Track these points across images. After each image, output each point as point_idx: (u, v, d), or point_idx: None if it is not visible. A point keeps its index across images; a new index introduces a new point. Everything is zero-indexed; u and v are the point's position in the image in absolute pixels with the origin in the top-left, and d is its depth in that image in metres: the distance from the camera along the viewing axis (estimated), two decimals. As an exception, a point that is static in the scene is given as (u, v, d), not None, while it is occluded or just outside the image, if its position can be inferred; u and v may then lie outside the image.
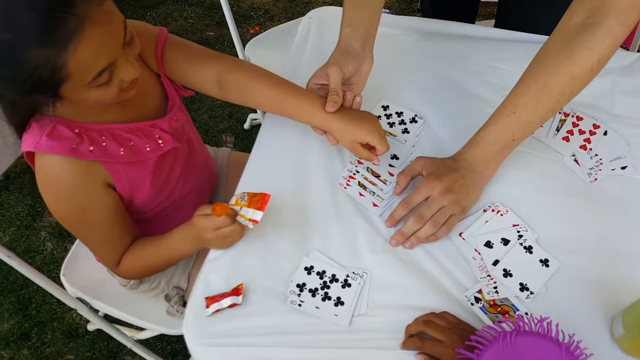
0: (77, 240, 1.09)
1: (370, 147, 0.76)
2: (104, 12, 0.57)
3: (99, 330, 1.39)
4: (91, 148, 0.68)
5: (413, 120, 0.88)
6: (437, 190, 0.71)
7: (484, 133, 0.74)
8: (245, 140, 1.87)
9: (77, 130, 0.68)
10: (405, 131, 0.87)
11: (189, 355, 1.34)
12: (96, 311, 1.04)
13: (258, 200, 0.66)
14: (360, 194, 0.78)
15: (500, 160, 0.76)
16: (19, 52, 0.54)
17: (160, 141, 0.77)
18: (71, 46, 0.54)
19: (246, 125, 1.88)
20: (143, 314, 0.98)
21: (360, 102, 0.78)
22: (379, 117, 0.89)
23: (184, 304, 0.96)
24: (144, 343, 1.23)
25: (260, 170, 0.82)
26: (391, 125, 0.87)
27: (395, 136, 0.86)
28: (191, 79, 0.81)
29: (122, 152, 0.72)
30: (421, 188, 0.72)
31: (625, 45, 1.63)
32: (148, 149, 0.75)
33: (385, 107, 0.90)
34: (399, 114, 0.89)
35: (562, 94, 0.69)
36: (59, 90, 0.59)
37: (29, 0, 0.52)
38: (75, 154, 0.67)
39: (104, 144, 0.70)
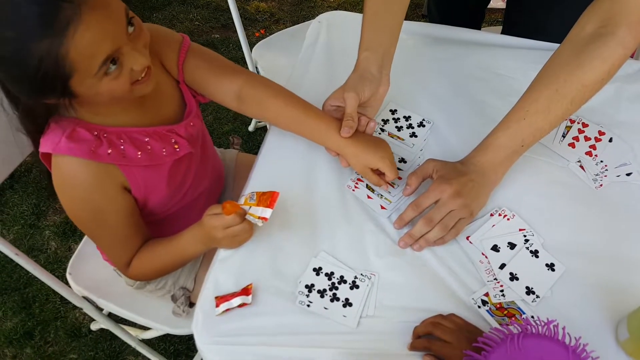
0: (84, 240, 1.10)
1: (380, 173, 0.77)
2: None
3: (102, 330, 1.39)
4: (109, 151, 0.69)
5: (421, 125, 0.89)
6: (447, 194, 0.71)
7: (494, 138, 0.74)
8: (250, 142, 1.87)
9: (95, 133, 0.68)
10: (413, 135, 0.87)
11: (191, 356, 1.35)
12: (101, 310, 1.05)
13: (267, 198, 0.67)
14: (368, 197, 0.79)
15: (508, 165, 0.77)
16: (23, 47, 0.55)
17: (176, 146, 0.77)
18: (69, 33, 0.55)
19: (251, 128, 1.89)
20: (149, 314, 0.99)
21: (374, 127, 0.80)
22: (387, 120, 0.90)
23: (190, 305, 0.96)
24: (147, 343, 1.23)
25: (268, 171, 0.82)
26: (399, 129, 0.88)
27: (403, 140, 0.87)
28: (211, 89, 0.81)
29: (139, 156, 0.72)
30: (431, 191, 0.73)
31: (629, 53, 1.64)
32: (164, 153, 0.76)
33: (393, 111, 0.91)
34: (407, 118, 0.90)
35: (572, 102, 0.70)
36: (69, 85, 0.59)
37: None
38: (94, 156, 0.67)
39: (122, 147, 0.70)
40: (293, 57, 1.04)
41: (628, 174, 0.82)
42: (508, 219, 0.76)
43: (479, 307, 0.67)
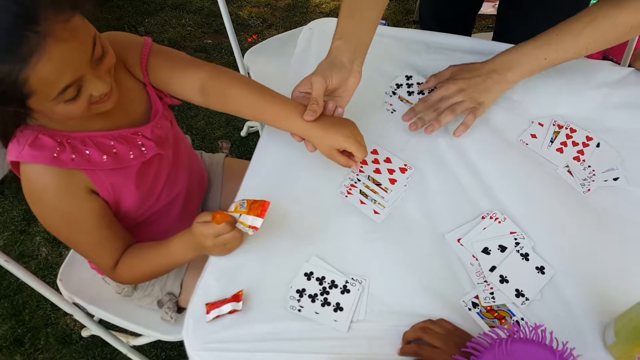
0: (74, 246, 1.09)
1: (349, 154, 0.76)
2: (68, 30, 0.57)
3: (93, 337, 1.38)
4: (73, 156, 0.69)
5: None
6: (450, 91, 0.85)
7: (525, 43, 0.84)
8: (242, 147, 1.88)
9: (59, 139, 0.69)
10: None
11: (183, 362, 1.35)
12: (92, 317, 1.04)
13: (258, 207, 0.67)
14: (362, 202, 0.79)
15: (526, 72, 0.85)
16: None
17: (143, 148, 0.78)
18: (32, 62, 0.55)
19: (243, 133, 1.89)
20: (139, 320, 0.99)
21: (342, 114, 0.79)
22: (400, 85, 0.96)
23: (179, 310, 0.96)
24: (138, 349, 1.22)
25: (260, 177, 0.83)
26: (410, 93, 0.95)
27: (412, 104, 0.91)
28: (174, 86, 0.81)
29: (105, 160, 0.72)
30: (438, 88, 0.87)
31: (617, 60, 1.67)
32: (132, 156, 0.76)
33: (408, 77, 0.98)
34: (420, 84, 0.96)
35: (602, 35, 0.79)
36: (26, 103, 0.60)
37: None
38: (57, 162, 0.68)
39: (87, 151, 0.71)
40: (285, 62, 1.04)
41: (615, 179, 0.83)
42: (499, 222, 0.77)
43: (470, 309, 0.68)
